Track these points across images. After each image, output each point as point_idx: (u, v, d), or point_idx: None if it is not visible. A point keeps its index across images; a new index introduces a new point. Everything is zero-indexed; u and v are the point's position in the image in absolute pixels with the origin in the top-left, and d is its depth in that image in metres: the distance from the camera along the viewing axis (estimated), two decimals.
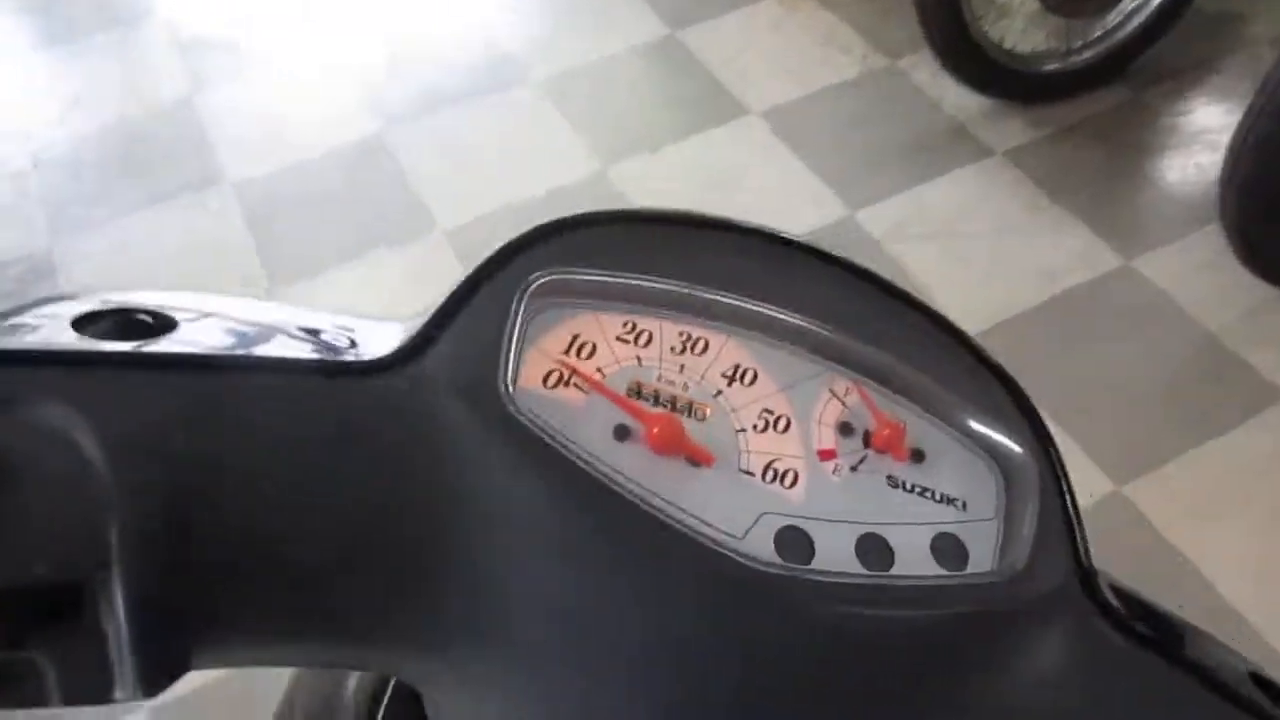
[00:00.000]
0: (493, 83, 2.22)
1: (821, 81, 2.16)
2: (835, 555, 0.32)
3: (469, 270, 0.34)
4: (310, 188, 2.04)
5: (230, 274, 1.89)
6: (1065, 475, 0.36)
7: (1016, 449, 0.36)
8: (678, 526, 0.30)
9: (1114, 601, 0.35)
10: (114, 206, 2.02)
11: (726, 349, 0.36)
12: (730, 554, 0.30)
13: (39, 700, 0.27)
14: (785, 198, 1.94)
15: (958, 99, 2.07)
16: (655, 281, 0.36)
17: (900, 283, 0.39)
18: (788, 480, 0.33)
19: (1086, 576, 0.35)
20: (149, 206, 2.02)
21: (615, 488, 0.31)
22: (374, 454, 0.31)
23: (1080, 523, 0.36)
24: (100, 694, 0.27)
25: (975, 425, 0.36)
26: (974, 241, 1.84)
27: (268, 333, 0.34)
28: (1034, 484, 0.35)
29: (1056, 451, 0.37)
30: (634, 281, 0.35)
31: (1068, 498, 0.36)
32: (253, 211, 2.00)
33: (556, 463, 0.31)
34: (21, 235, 1.98)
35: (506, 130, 2.12)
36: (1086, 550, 0.35)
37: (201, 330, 0.33)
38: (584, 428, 0.32)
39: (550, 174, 2.01)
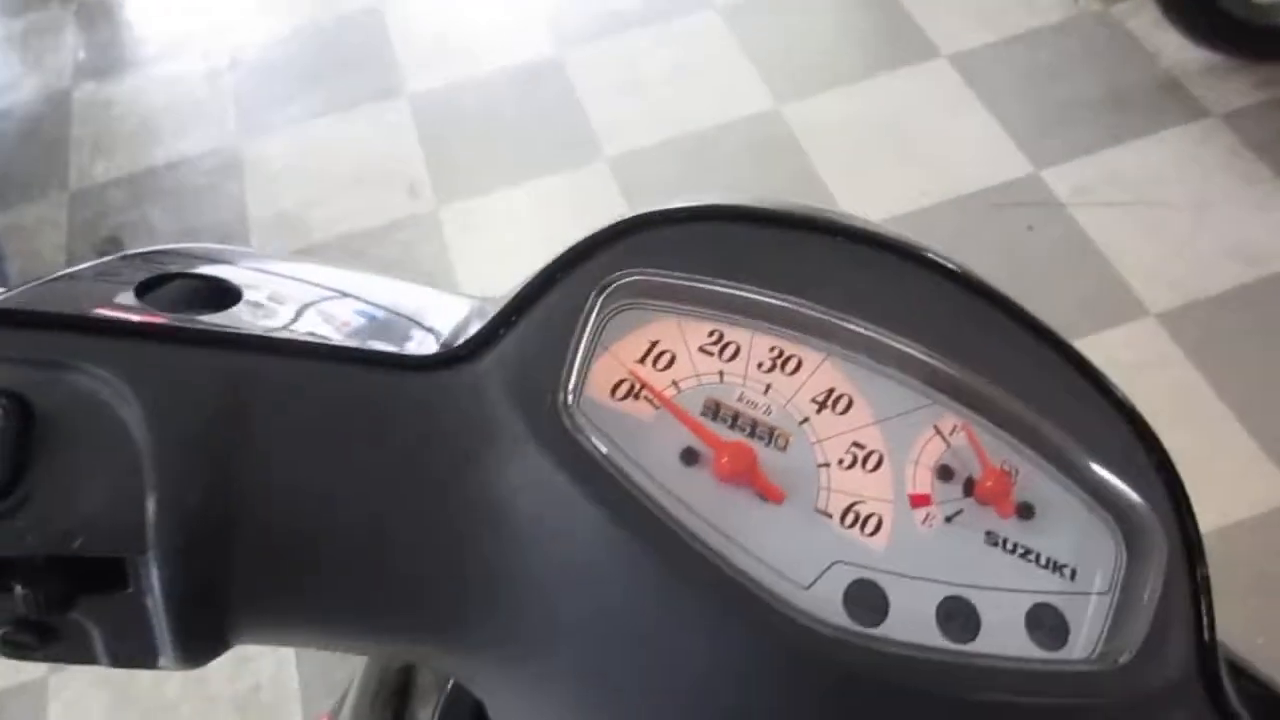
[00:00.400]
0: (673, 6, 2.17)
1: (1022, 25, 2.00)
2: (912, 619, 0.28)
3: (554, 257, 0.32)
4: (483, 104, 2.06)
5: (397, 186, 1.94)
6: (1199, 545, 0.31)
7: (1144, 508, 0.31)
8: (735, 573, 0.27)
9: (1238, 709, 0.30)
10: (298, 111, 2.10)
11: (821, 370, 0.32)
12: (790, 610, 0.27)
13: (90, 659, 0.27)
14: (965, 150, 1.82)
15: (1177, 52, 1.88)
16: (748, 288, 0.32)
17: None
18: (869, 526, 0.30)
19: (1211, 674, 0.30)
20: (330, 113, 2.08)
21: (670, 520, 0.28)
22: (418, 452, 0.29)
23: (1210, 608, 0.31)
24: (145, 661, 0.27)
25: (1098, 475, 0.31)
26: (1172, 212, 1.69)
27: (331, 311, 0.33)
28: (1161, 553, 0.30)
29: (1192, 515, 0.31)
30: (725, 287, 0.32)
31: (1199, 574, 0.31)
32: (426, 125, 2.03)
33: (608, 490, 0.28)
34: (214, 132, 2.08)
35: (681, 59, 2.07)
36: (1214, 642, 0.30)
37: (264, 306, 0.31)
38: (649, 447, 0.29)
39: (721, 108, 1.95)
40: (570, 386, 0.29)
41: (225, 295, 0.31)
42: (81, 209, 1.98)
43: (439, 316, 0.34)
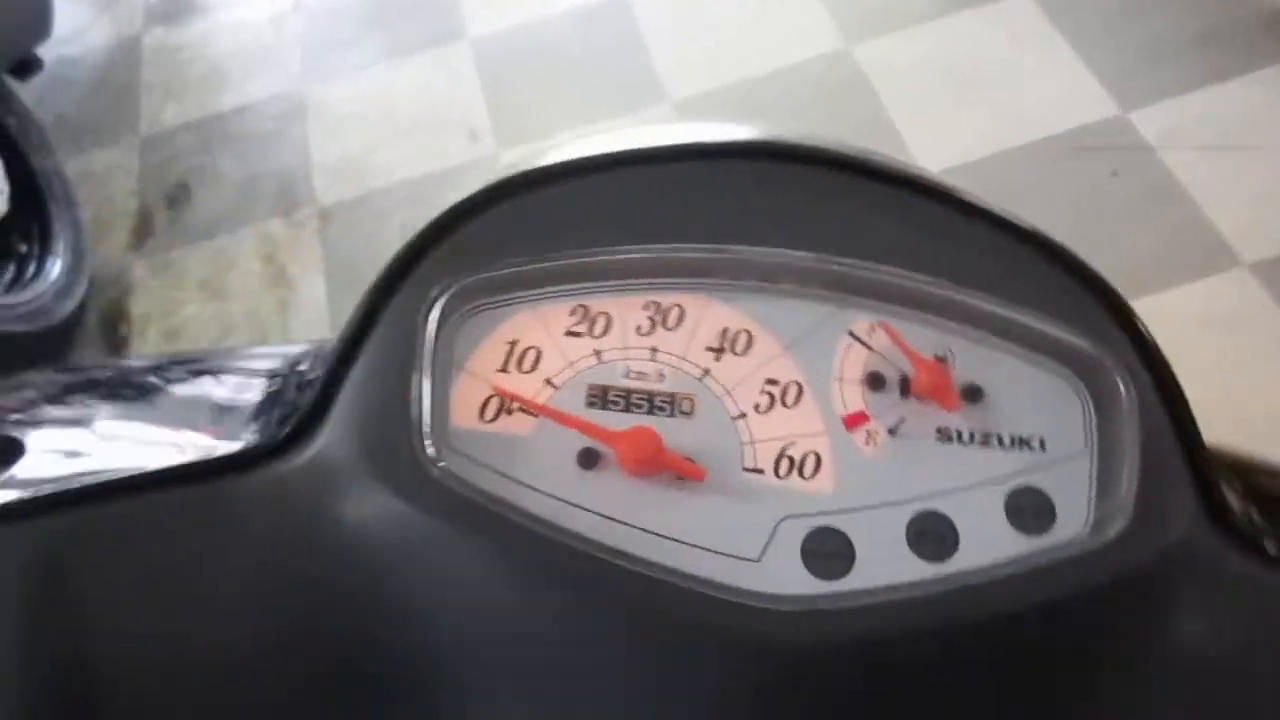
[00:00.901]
0: None
1: None
2: (882, 554, 0.25)
3: (370, 286, 0.27)
4: (545, 47, 2.02)
5: (458, 131, 1.92)
6: (1169, 375, 0.28)
7: (1098, 348, 0.27)
8: (665, 576, 0.24)
9: (1256, 521, 0.27)
10: (361, 56, 2.08)
11: (708, 312, 0.28)
12: (738, 596, 0.24)
13: None
14: (1046, 91, 1.73)
15: None
16: (598, 248, 0.28)
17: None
18: (808, 469, 0.26)
19: (1218, 507, 0.27)
20: (392, 58, 2.07)
21: (576, 541, 0.24)
22: (274, 556, 0.25)
23: (1198, 435, 0.27)
24: None
25: (1039, 329, 0.28)
26: (1268, 156, 1.59)
27: (141, 431, 0.29)
28: (1130, 393, 0.27)
29: (1154, 346, 0.28)
30: (571, 255, 0.28)
31: (1175, 403, 0.27)
32: (487, 69, 2.01)
33: (499, 533, 0.24)
34: (280, 77, 2.08)
35: None
36: (1210, 471, 0.27)
37: (52, 454, 0.27)
38: (539, 462, 0.26)
39: (789, 49, 1.89)
40: (427, 429, 0.25)
41: (7, 451, 0.27)
42: (152, 154, 2.00)
43: (277, 383, 0.30)
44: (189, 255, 1.77)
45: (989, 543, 0.26)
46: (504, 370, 0.27)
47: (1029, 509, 0.26)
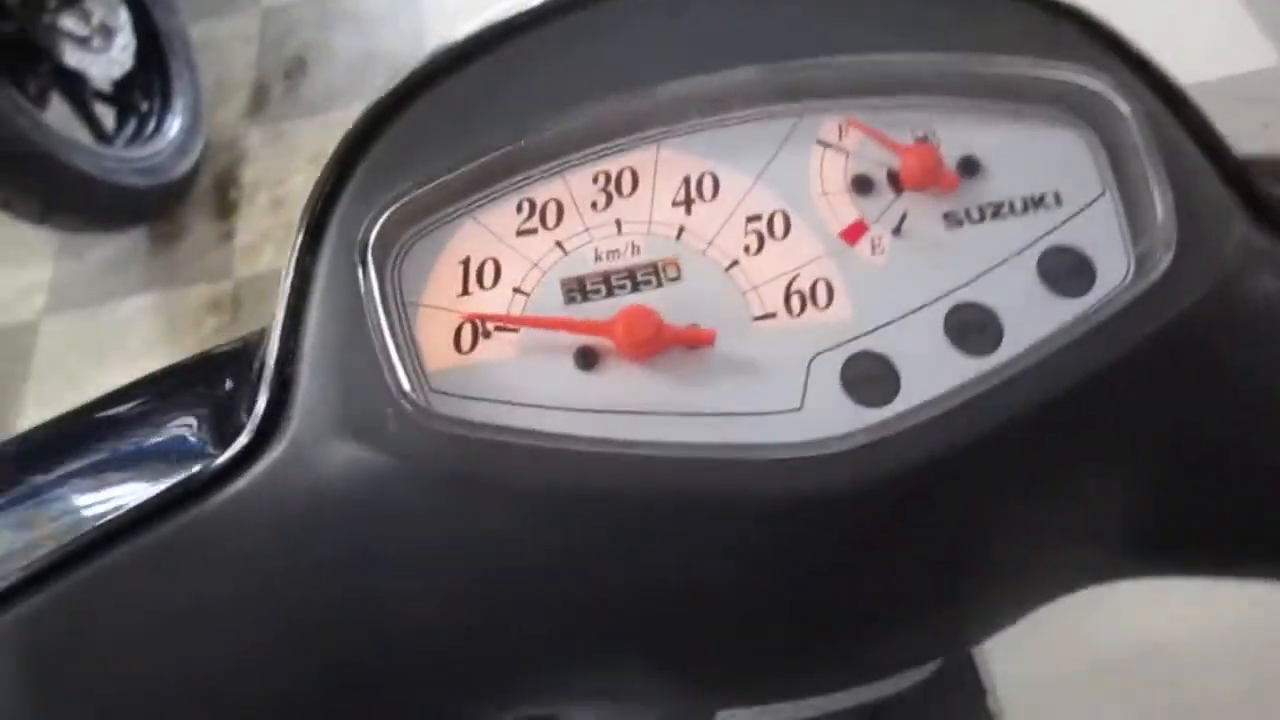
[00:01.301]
0: None
1: None
2: (928, 363, 0.23)
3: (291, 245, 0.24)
4: None
5: None
6: (1174, 85, 0.25)
7: (1091, 77, 0.25)
8: (711, 454, 0.22)
9: None
10: None
11: (662, 165, 0.26)
12: (792, 450, 0.22)
13: None
14: (1197, 38, 1.63)
15: None
16: (519, 132, 0.25)
17: None
18: (821, 298, 0.24)
19: (1261, 206, 0.25)
20: None
21: (605, 447, 0.22)
22: (271, 578, 0.22)
23: (1223, 142, 0.25)
24: None
25: (1025, 74, 0.25)
26: None
27: (85, 481, 0.26)
28: (1139, 114, 0.24)
29: (1151, 62, 0.26)
30: (496, 150, 0.25)
31: (1189, 116, 0.25)
32: None
33: (521, 463, 0.22)
34: None
35: None
36: (1246, 173, 0.25)
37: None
38: (535, 378, 0.23)
39: None
40: (403, 382, 0.22)
41: None
42: (272, 27, 2.01)
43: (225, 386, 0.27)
44: (301, 128, 1.79)
45: (1033, 318, 0.24)
46: (465, 293, 0.24)
47: (1065, 269, 0.24)
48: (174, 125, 1.64)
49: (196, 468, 0.24)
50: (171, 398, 0.28)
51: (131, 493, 0.25)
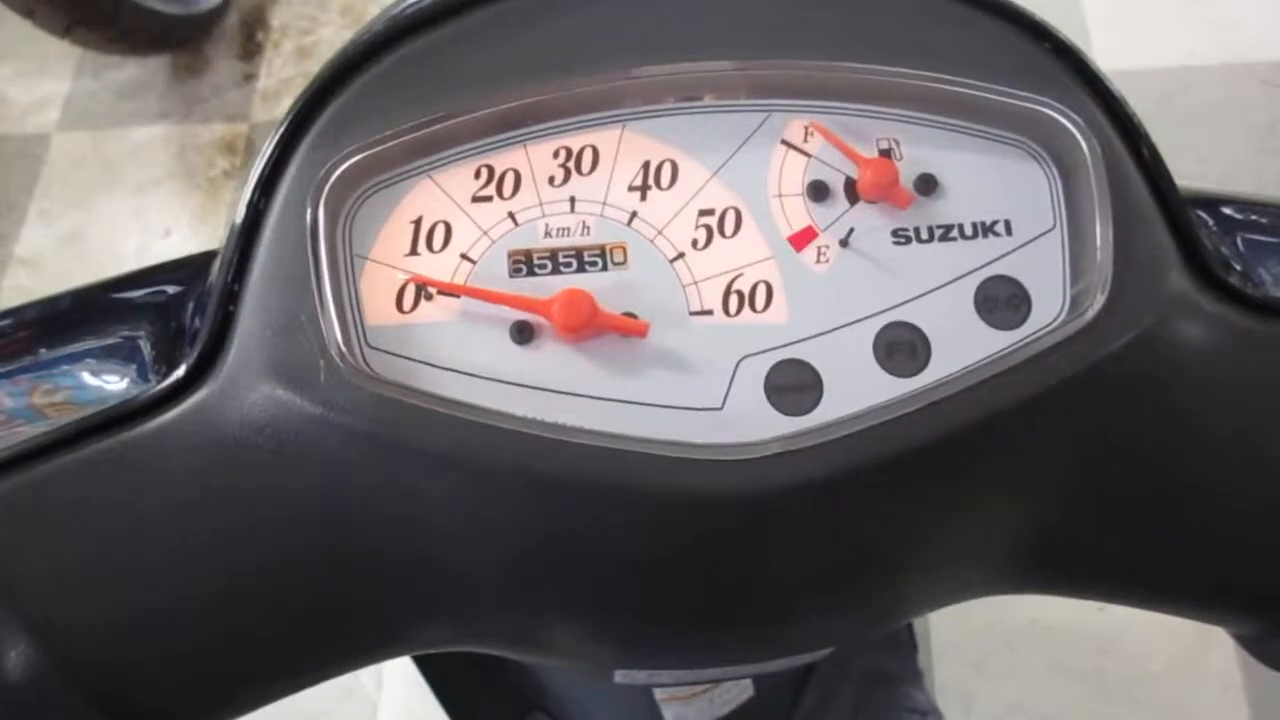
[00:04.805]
0: None
1: None
2: (852, 377, 0.24)
3: (245, 182, 0.24)
4: None
5: None
6: (1136, 123, 0.26)
7: (1054, 108, 0.25)
8: (627, 446, 0.22)
9: (1236, 270, 0.26)
10: None
11: (624, 146, 0.26)
12: (707, 452, 0.22)
13: None
14: (1265, 16, 1.58)
15: None
16: (489, 96, 0.25)
17: None
18: (759, 300, 0.24)
19: (1197, 258, 0.25)
20: None
21: (526, 426, 0.22)
22: (197, 512, 0.23)
23: (1174, 187, 0.25)
24: None
25: (992, 98, 0.25)
26: None
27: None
28: (1096, 151, 0.24)
29: (1116, 95, 0.26)
30: (461, 112, 0.25)
31: (1147, 151, 0.25)
32: None
33: (441, 429, 0.22)
34: None
35: None
36: (1189, 223, 0.25)
37: None
38: (471, 346, 0.24)
39: None
40: (338, 333, 0.23)
41: None
42: None
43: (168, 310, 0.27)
44: None
45: (963, 345, 0.24)
46: (414, 253, 0.25)
47: (1001, 300, 0.24)
48: None
49: (134, 388, 0.25)
50: (126, 306, 0.29)
51: (73, 398, 0.26)
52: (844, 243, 0.25)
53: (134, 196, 1.51)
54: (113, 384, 0.26)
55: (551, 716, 0.46)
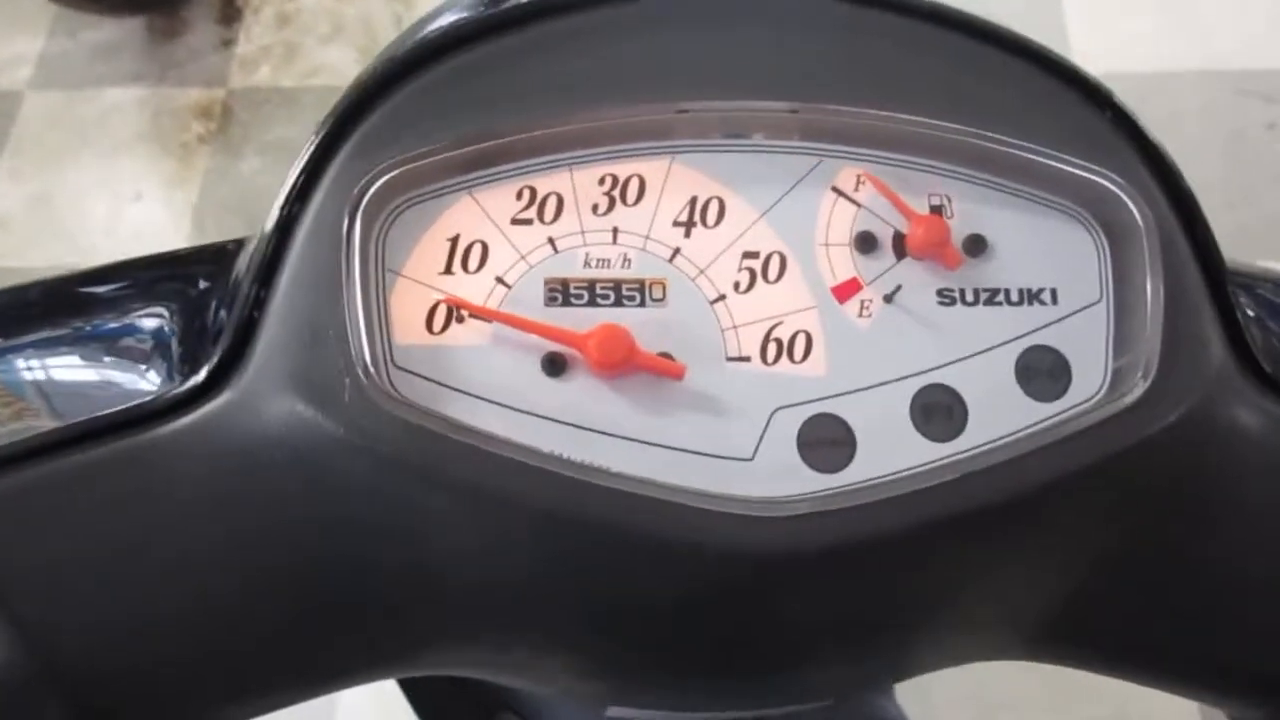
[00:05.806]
0: None
1: None
2: (886, 437, 0.23)
3: (283, 186, 0.23)
4: None
5: None
6: (1193, 200, 0.25)
7: (1110, 179, 0.24)
8: (653, 492, 0.22)
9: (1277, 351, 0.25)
10: None
11: (671, 179, 0.25)
12: (734, 506, 0.22)
13: None
14: (1250, 25, 1.59)
15: None
16: (539, 117, 0.24)
17: None
18: (798, 351, 0.24)
19: (1242, 346, 0.25)
20: None
21: (551, 463, 0.22)
22: (207, 523, 0.22)
23: (1224, 270, 0.25)
24: None
25: (1049, 164, 0.25)
26: None
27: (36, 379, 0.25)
28: (1152, 227, 0.24)
29: (1174, 169, 0.25)
30: (508, 129, 0.24)
31: (1202, 230, 0.25)
32: None
33: (463, 460, 0.21)
34: None
35: None
36: (1238, 309, 0.25)
37: None
38: (501, 374, 0.23)
39: None
40: (365, 350, 0.22)
41: None
42: None
43: (193, 303, 0.26)
44: None
45: (1000, 413, 0.24)
46: (448, 272, 0.24)
47: (1043, 371, 0.24)
48: None
49: (152, 387, 0.24)
50: (147, 293, 0.28)
51: (86, 391, 0.25)
52: (889, 299, 0.25)
53: (106, 158, 1.49)
54: (122, 376, 0.26)
55: (521, 717, 0.46)
